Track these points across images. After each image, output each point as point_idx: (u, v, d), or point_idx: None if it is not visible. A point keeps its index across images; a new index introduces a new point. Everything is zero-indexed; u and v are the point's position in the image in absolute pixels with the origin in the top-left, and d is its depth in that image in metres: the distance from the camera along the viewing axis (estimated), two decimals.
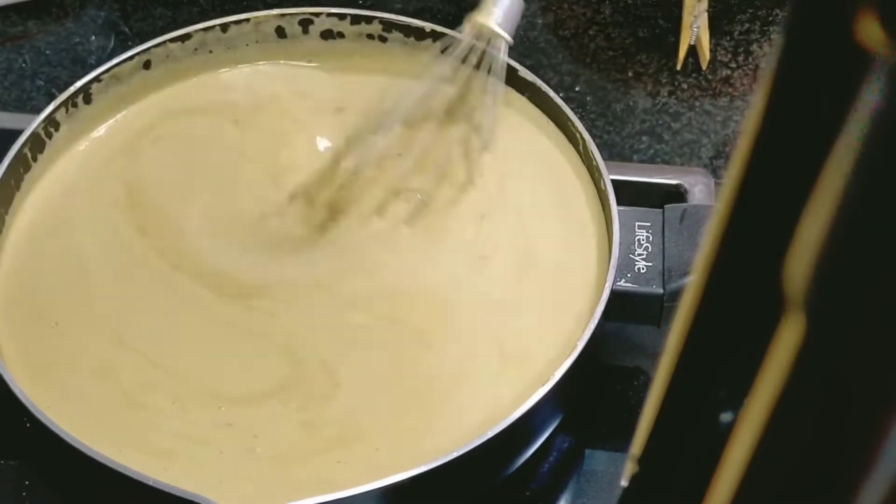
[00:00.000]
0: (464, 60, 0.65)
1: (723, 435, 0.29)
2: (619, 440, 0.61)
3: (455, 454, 0.51)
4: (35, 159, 0.64)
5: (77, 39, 0.82)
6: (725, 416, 0.31)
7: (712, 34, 0.81)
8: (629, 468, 0.36)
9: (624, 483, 0.37)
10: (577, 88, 0.79)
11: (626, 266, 0.60)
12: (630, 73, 0.80)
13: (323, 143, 0.67)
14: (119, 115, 0.67)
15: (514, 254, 0.62)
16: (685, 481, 0.34)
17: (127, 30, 0.82)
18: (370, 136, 0.63)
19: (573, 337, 0.57)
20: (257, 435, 0.55)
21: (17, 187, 0.63)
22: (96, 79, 0.66)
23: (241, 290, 0.61)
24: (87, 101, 0.66)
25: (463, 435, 0.53)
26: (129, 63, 0.67)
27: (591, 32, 0.83)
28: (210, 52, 0.69)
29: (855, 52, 0.22)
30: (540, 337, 0.59)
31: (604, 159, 0.62)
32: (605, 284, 0.57)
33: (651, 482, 0.36)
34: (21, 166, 0.63)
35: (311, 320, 0.60)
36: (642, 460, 0.35)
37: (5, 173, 0.61)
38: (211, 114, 0.68)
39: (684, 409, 0.33)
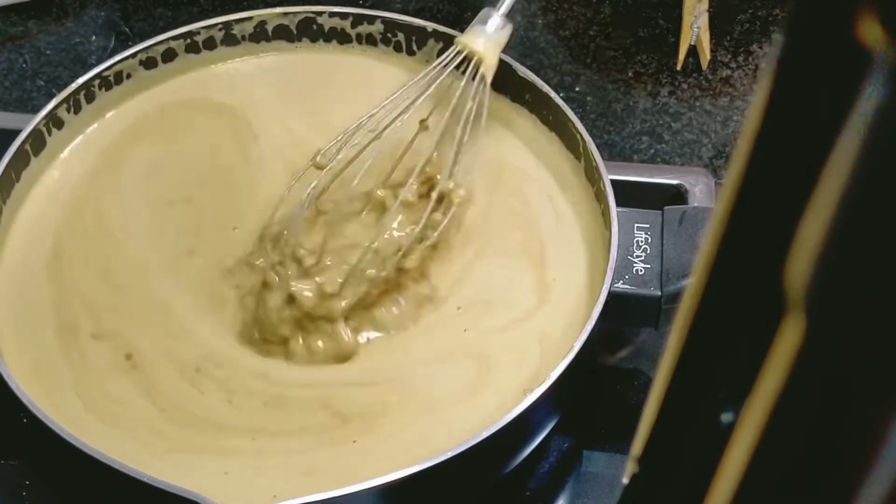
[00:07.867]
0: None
1: (723, 435, 0.29)
2: (617, 441, 0.61)
3: (451, 453, 0.51)
4: (36, 155, 0.64)
5: (77, 39, 0.82)
6: (725, 416, 0.31)
7: (712, 34, 0.81)
8: (629, 468, 0.36)
9: (625, 482, 0.37)
10: (577, 88, 0.79)
11: (624, 267, 0.60)
12: (630, 73, 0.80)
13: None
14: (119, 114, 0.67)
15: (511, 253, 0.62)
16: (685, 481, 0.34)
17: (127, 30, 0.82)
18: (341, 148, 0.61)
19: (569, 339, 0.57)
20: (255, 437, 0.55)
21: (18, 182, 0.63)
22: (98, 76, 0.66)
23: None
24: (89, 98, 0.66)
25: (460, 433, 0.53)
26: (131, 60, 0.67)
27: (591, 32, 0.83)
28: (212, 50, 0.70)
29: (855, 51, 0.22)
30: (535, 337, 0.59)
31: (604, 159, 0.62)
32: (602, 286, 0.57)
33: (651, 482, 0.36)
34: (22, 162, 0.63)
35: None
36: (643, 460, 0.35)
37: (6, 170, 0.61)
38: (211, 111, 0.68)
39: (685, 410, 0.33)
